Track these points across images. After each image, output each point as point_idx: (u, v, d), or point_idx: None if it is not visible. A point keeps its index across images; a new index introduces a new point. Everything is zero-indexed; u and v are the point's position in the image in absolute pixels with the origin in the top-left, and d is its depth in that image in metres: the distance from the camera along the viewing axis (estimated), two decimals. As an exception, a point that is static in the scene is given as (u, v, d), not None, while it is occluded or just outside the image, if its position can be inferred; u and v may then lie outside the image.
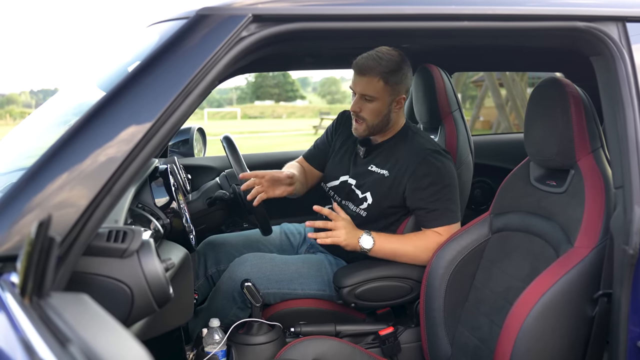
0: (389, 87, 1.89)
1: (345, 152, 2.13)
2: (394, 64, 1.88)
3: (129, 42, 1.50)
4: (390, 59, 1.88)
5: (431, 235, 1.88)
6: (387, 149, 2.01)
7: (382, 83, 1.88)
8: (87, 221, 0.95)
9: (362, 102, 1.93)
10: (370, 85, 1.89)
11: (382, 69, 1.87)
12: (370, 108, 1.92)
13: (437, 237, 1.86)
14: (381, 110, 1.93)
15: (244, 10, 1.07)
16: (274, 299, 1.95)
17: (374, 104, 1.92)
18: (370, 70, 1.87)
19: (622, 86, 1.21)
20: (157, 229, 1.53)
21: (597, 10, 1.23)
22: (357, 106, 1.94)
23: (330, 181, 2.13)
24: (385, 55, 1.89)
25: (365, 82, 1.89)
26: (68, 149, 0.96)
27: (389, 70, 1.87)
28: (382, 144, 2.02)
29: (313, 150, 2.27)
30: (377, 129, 1.97)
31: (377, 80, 1.88)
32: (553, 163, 1.52)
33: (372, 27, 1.12)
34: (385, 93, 1.90)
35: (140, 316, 1.08)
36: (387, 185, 1.94)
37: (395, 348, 1.87)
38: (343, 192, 2.07)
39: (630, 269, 1.19)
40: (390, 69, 1.88)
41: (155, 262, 1.05)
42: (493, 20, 1.19)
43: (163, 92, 1.01)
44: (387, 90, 1.90)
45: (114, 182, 0.97)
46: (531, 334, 1.32)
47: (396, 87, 1.91)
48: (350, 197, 2.04)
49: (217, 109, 44.03)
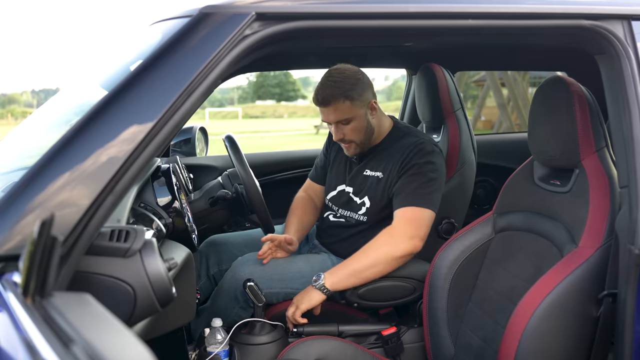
0: (357, 102, 1.91)
1: (340, 163, 2.16)
2: (351, 80, 1.90)
3: (131, 40, 1.49)
4: (344, 77, 1.90)
5: (395, 224, 1.85)
6: (379, 151, 2.02)
7: (348, 103, 1.89)
8: (89, 220, 0.94)
9: (341, 128, 1.95)
10: (339, 110, 1.90)
11: (342, 91, 1.88)
12: (350, 129, 1.95)
13: (401, 222, 1.83)
14: (361, 125, 1.95)
15: (247, 8, 1.06)
16: (276, 298, 1.95)
17: (353, 124, 1.94)
18: (331, 97, 1.88)
19: (627, 85, 1.20)
20: (159, 228, 1.52)
21: (603, 9, 1.22)
22: (339, 134, 1.97)
23: (329, 192, 2.16)
24: (337, 76, 1.90)
25: (332, 110, 1.91)
26: (70, 148, 0.96)
27: (348, 89, 1.88)
28: (374, 149, 2.04)
29: (315, 171, 2.32)
30: (366, 142, 2.00)
31: (342, 102, 1.89)
32: (557, 162, 1.51)
33: (375, 25, 1.12)
34: (356, 109, 1.91)
35: (143, 316, 1.08)
36: (381, 186, 1.96)
37: (398, 348, 1.86)
38: (341, 201, 2.09)
39: (635, 268, 1.18)
40: (349, 86, 1.89)
41: (158, 262, 1.05)
42: (498, 18, 1.18)
43: (165, 91, 1.01)
44: (356, 106, 1.91)
45: (116, 181, 0.96)
46: (535, 334, 1.31)
47: (361, 98, 1.92)
48: (349, 205, 2.06)
49: (219, 109, 44.00)
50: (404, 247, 1.80)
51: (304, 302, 1.79)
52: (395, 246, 1.80)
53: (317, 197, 2.27)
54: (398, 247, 1.80)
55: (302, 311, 1.79)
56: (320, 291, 1.79)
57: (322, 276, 1.80)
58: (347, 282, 1.80)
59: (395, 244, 1.80)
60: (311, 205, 2.24)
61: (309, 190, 2.29)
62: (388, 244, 1.81)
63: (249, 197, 1.97)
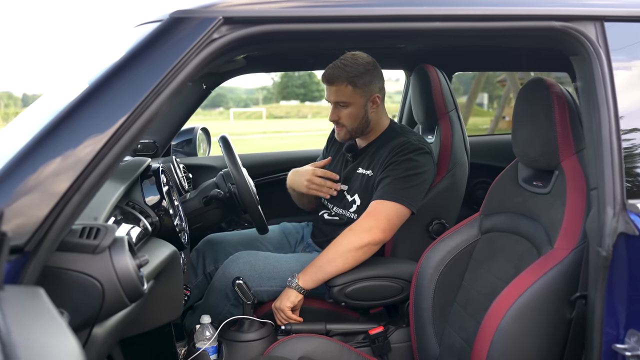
0: (359, 90, 1.96)
1: (337, 162, 2.21)
2: (360, 67, 1.95)
3: (113, 42, 1.53)
4: (355, 64, 1.95)
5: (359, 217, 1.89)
6: (372, 150, 2.06)
7: (350, 88, 1.95)
8: (56, 218, 0.98)
9: (338, 110, 2.01)
10: (340, 92, 1.96)
11: (348, 75, 1.94)
12: (346, 113, 2.00)
13: (364, 215, 1.88)
14: (357, 113, 2.00)
15: (215, 13, 1.09)
16: (267, 296, 1.98)
17: (349, 109, 1.99)
18: (336, 78, 1.95)
19: (597, 86, 1.20)
20: (145, 227, 1.56)
21: (574, 10, 1.22)
22: (334, 115, 2.03)
23: None
24: (349, 61, 1.95)
25: (334, 90, 1.97)
26: (38, 149, 0.99)
27: (354, 75, 1.94)
28: (368, 147, 2.09)
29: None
30: (357, 131, 2.05)
31: (345, 86, 1.95)
32: (538, 164, 1.51)
33: (340, 29, 1.13)
34: (356, 96, 1.97)
35: (113, 310, 1.12)
36: (370, 184, 2.00)
37: (385, 347, 1.87)
38: (335, 199, 2.12)
39: (604, 271, 1.18)
40: (355, 73, 1.94)
41: (127, 259, 1.08)
42: (466, 21, 1.19)
43: (133, 93, 1.04)
44: (357, 93, 1.96)
45: (82, 180, 1.00)
46: (508, 335, 1.31)
47: (366, 88, 1.97)
48: (342, 203, 2.10)
49: (243, 109, 44.32)
50: (362, 238, 1.83)
51: (283, 300, 1.84)
52: (353, 237, 1.84)
53: None
54: (356, 238, 1.84)
55: (287, 309, 1.82)
56: (296, 290, 1.84)
57: (296, 275, 1.86)
58: (315, 278, 1.85)
59: (354, 236, 1.85)
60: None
61: None
62: (346, 236, 1.86)
63: (241, 196, 2.00)
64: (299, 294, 1.84)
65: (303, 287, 1.83)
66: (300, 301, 1.85)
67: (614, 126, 1.18)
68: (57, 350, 0.65)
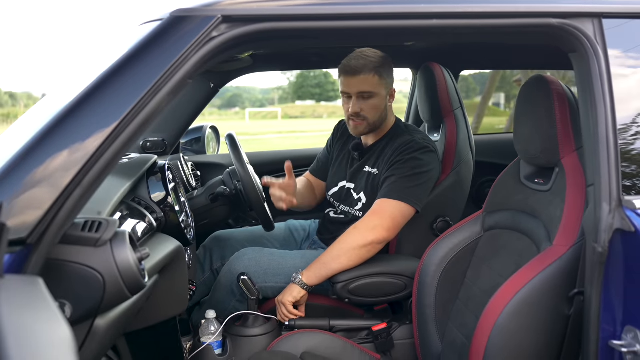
0: (383, 81, 1.97)
1: (342, 160, 2.21)
2: (380, 59, 1.96)
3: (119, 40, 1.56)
4: (375, 55, 1.96)
5: (364, 216, 1.90)
6: (378, 148, 2.06)
7: (377, 77, 1.95)
8: (58, 211, 1.01)
9: (361, 102, 1.98)
10: (367, 82, 1.94)
11: (374, 65, 1.94)
12: (370, 105, 1.99)
13: (369, 214, 1.89)
14: (380, 105, 2.00)
15: (214, 11, 1.12)
16: (272, 292, 2.00)
17: (373, 100, 1.98)
18: (363, 68, 1.93)
19: (594, 83, 1.20)
20: (150, 222, 1.59)
21: (572, 7, 1.22)
22: (357, 107, 1.98)
23: (331, 188, 2.21)
24: (369, 52, 1.96)
25: (360, 80, 1.94)
26: (41, 145, 1.02)
27: (379, 65, 1.95)
28: (374, 146, 2.09)
29: (317, 164, 2.39)
30: (377, 124, 2.04)
31: (372, 76, 1.94)
32: (538, 161, 1.51)
33: (338, 27, 1.15)
34: (381, 87, 1.97)
35: (114, 302, 1.14)
36: (375, 182, 2.00)
37: (389, 344, 1.88)
38: (341, 197, 2.15)
39: (600, 267, 1.18)
40: (379, 64, 1.95)
41: (127, 252, 1.11)
42: (464, 18, 1.20)
43: (132, 90, 1.07)
44: (382, 84, 1.97)
45: (83, 175, 1.03)
46: (505, 330, 1.32)
47: (388, 80, 1.99)
48: (348, 201, 2.11)
49: (259, 109, 44.48)
50: (366, 237, 1.84)
51: (286, 295, 1.86)
52: (357, 235, 1.85)
53: (318, 188, 2.35)
54: (360, 236, 1.85)
55: (289, 304, 1.85)
56: (300, 286, 1.85)
57: (300, 271, 1.87)
58: (319, 275, 1.86)
59: (358, 234, 1.85)
60: (309, 185, 2.32)
61: (310, 179, 2.38)
62: (351, 234, 1.87)
63: (247, 194, 2.03)
64: (302, 290, 1.85)
65: (307, 283, 1.85)
66: (303, 297, 1.86)
67: (611, 122, 1.18)
68: (48, 336, 0.67)
